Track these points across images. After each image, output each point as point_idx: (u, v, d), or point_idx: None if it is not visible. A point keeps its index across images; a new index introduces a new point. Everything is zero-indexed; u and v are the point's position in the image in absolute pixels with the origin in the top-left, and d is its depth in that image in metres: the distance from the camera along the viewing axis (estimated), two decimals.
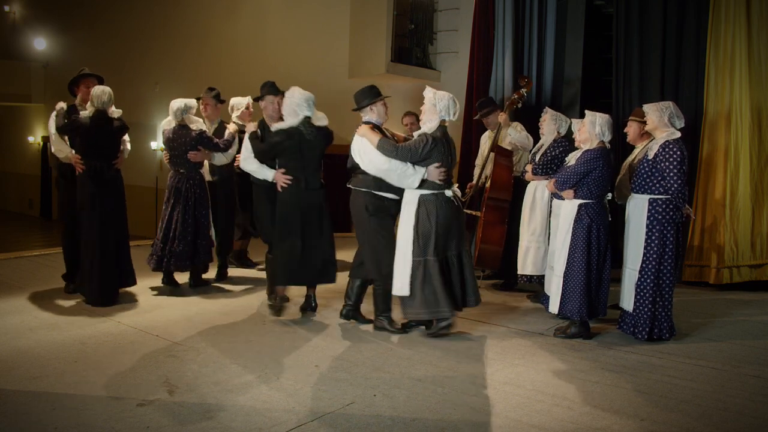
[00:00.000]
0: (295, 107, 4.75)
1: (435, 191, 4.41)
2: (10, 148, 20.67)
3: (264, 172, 4.91)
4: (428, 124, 4.47)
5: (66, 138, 5.28)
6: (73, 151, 5.24)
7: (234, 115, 6.19)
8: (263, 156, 4.88)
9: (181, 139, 5.49)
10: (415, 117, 6.89)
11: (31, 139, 19.44)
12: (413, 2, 10.62)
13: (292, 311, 5.07)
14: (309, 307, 5.06)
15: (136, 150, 9.46)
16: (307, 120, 4.80)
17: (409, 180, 4.40)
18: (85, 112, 5.12)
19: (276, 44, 12.36)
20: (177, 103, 5.57)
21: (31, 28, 18.11)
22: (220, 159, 5.94)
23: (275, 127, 4.84)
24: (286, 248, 4.77)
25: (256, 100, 5.42)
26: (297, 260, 4.76)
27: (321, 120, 4.93)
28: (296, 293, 5.22)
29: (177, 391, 3.48)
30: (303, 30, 12.02)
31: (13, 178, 20.81)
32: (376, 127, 4.62)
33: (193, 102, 5.64)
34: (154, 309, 5.10)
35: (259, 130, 5.05)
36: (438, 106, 4.41)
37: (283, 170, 4.81)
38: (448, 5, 10.44)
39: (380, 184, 4.54)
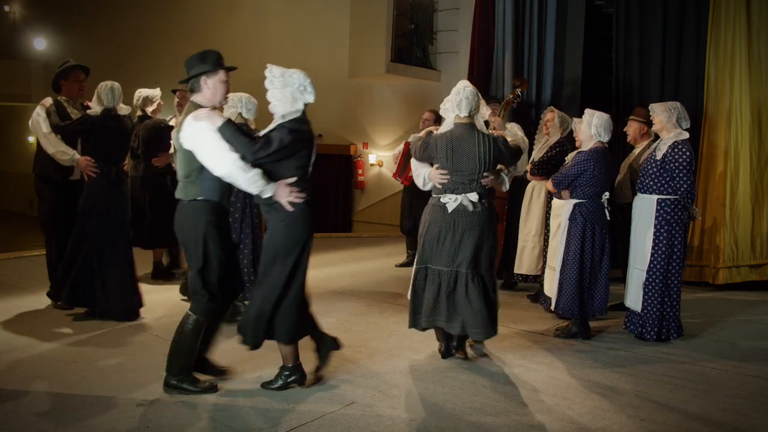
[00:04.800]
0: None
1: (435, 195, 3.99)
2: (10, 148, 20.68)
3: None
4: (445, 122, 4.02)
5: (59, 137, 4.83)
6: (77, 154, 4.84)
7: (150, 109, 5.73)
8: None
9: None
10: (433, 114, 6.70)
11: (31, 139, 19.39)
12: (413, 2, 10.63)
13: None
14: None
15: None
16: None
17: (418, 181, 4.11)
18: (93, 111, 4.79)
19: (276, 44, 12.37)
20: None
21: (31, 28, 18.10)
22: None
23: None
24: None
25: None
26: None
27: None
28: None
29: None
30: (303, 30, 12.03)
31: (13, 178, 20.81)
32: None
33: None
34: (154, 309, 5.09)
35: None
36: (450, 102, 3.93)
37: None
38: (448, 5, 10.45)
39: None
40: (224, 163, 3.23)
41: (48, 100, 4.94)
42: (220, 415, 3.21)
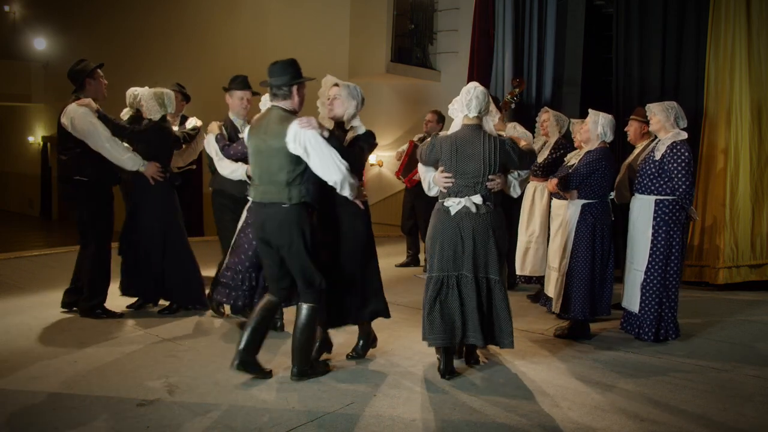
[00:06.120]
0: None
1: (440, 200, 3.86)
2: (10, 148, 20.69)
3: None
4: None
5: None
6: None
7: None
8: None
9: None
10: (436, 115, 6.61)
11: (31, 139, 19.44)
12: (413, 2, 10.63)
13: None
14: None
15: None
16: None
17: (424, 185, 4.03)
18: (153, 117, 4.77)
19: (276, 44, 12.37)
20: None
21: (31, 28, 18.10)
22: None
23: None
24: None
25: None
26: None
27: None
28: None
29: (177, 391, 3.48)
30: (303, 30, 12.03)
31: (13, 178, 20.82)
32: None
33: None
34: (154, 309, 5.09)
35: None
36: (459, 102, 3.80)
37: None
38: (448, 5, 10.45)
39: None
40: (340, 170, 3.49)
41: (92, 102, 4.68)
42: (219, 415, 3.21)
